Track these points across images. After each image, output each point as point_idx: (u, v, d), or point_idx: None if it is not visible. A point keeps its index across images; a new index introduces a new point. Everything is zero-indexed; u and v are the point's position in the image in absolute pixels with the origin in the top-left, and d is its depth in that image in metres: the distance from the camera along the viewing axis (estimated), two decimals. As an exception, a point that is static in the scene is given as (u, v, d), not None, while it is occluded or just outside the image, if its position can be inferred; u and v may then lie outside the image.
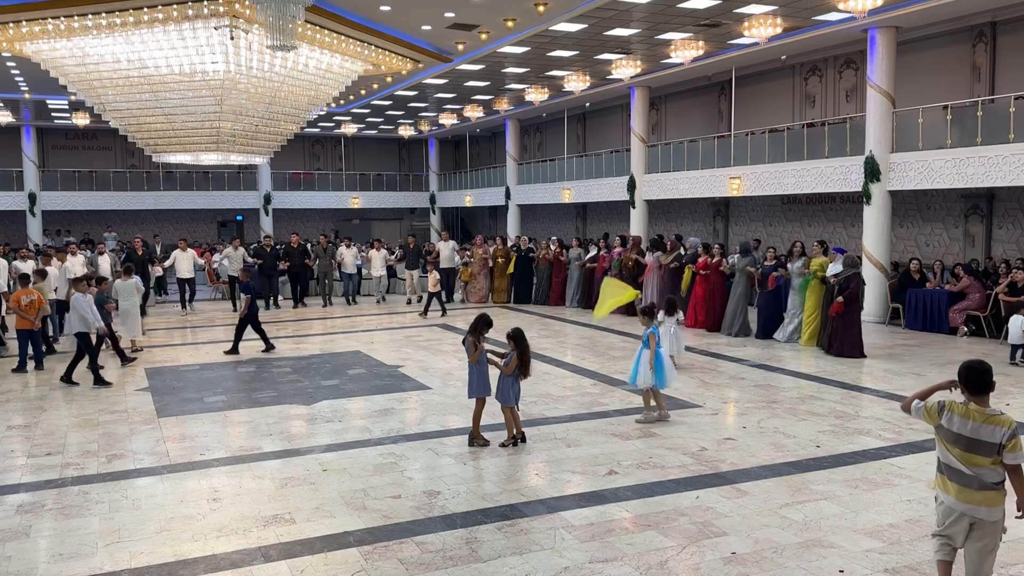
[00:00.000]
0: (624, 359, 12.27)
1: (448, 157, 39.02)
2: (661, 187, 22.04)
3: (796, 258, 13.60)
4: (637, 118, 22.62)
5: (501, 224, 32.46)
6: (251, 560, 5.14)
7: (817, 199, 20.37)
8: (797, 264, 13.45)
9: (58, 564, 5.14)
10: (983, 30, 16.46)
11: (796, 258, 13.60)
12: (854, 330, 12.21)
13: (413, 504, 6.11)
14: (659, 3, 14.65)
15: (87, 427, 8.53)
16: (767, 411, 8.90)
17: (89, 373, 10.72)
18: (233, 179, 33.40)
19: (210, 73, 15.40)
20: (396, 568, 5.00)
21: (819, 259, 13.06)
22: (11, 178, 30.23)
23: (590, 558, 5.11)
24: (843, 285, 12.18)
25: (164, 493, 6.45)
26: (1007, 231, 16.62)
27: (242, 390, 10.34)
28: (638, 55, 18.95)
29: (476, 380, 7.66)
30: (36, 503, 6.25)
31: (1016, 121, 13.79)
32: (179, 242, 19.68)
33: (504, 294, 20.18)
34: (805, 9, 14.93)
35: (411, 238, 21.20)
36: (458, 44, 18.03)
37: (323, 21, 15.29)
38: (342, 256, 20.44)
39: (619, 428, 8.22)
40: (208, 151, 18.00)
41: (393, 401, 9.64)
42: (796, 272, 13.41)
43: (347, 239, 21.55)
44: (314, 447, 7.68)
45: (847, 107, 19.46)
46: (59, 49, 15.73)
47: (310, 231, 34.83)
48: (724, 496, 6.22)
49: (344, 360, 12.41)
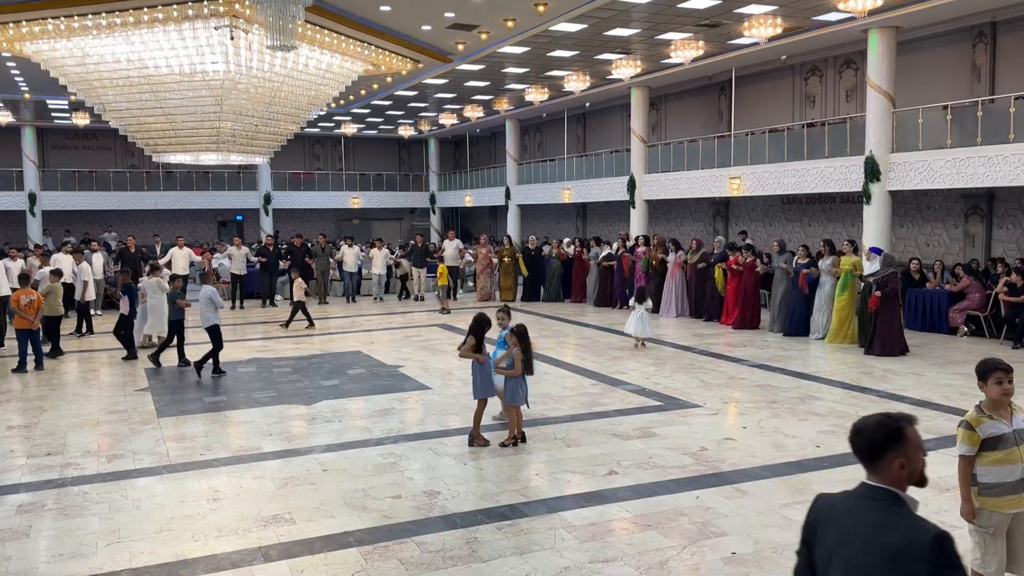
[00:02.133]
0: (625, 359, 12.28)
1: (448, 157, 39.01)
2: (661, 187, 22.04)
3: (827, 256, 13.75)
4: (637, 118, 22.61)
5: (501, 224, 32.45)
6: (251, 560, 5.14)
7: (817, 199, 20.36)
8: (827, 262, 13.62)
9: (58, 564, 5.13)
10: (983, 30, 16.46)
11: (827, 256, 13.75)
12: (895, 328, 12.32)
13: (413, 504, 6.10)
14: (659, 3, 14.65)
15: (87, 427, 8.53)
16: (767, 411, 8.90)
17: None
18: (233, 179, 33.39)
19: (210, 73, 15.41)
20: (396, 568, 5.00)
21: (851, 258, 13.23)
22: (11, 178, 30.22)
23: (590, 558, 5.10)
24: (881, 283, 12.29)
25: (164, 493, 6.45)
26: (1007, 231, 16.62)
27: (242, 390, 10.34)
28: (638, 55, 18.95)
29: (480, 381, 7.66)
30: (36, 503, 6.25)
31: (1016, 121, 13.79)
32: (178, 239, 19.70)
33: (510, 292, 20.24)
34: (805, 9, 14.93)
35: (419, 237, 21.37)
36: (458, 44, 18.03)
37: (323, 21, 15.29)
38: (343, 255, 20.53)
39: (619, 428, 8.22)
40: (208, 151, 18.02)
41: (393, 401, 9.64)
42: (826, 270, 13.60)
43: (349, 238, 21.64)
44: (314, 447, 7.68)
45: (847, 107, 19.45)
46: (59, 49, 15.73)
47: (310, 231, 34.80)
48: (724, 496, 6.22)
49: (344, 360, 12.40)
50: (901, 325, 12.51)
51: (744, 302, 15.13)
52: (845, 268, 13.19)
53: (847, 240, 14.12)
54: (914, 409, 8.87)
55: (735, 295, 15.33)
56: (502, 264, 20.33)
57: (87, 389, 10.46)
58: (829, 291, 13.61)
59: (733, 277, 15.34)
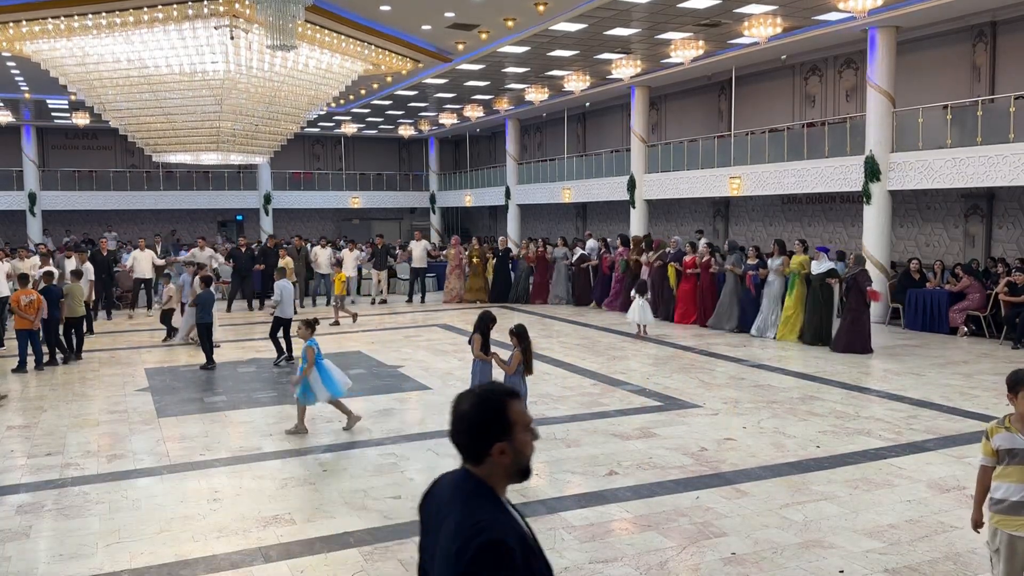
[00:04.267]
0: (625, 359, 12.29)
1: (448, 157, 39.00)
2: (661, 187, 22.04)
3: (776, 256, 14.01)
4: (637, 118, 22.61)
5: (501, 224, 32.45)
6: (251, 560, 5.14)
7: (817, 199, 20.37)
8: (776, 262, 13.88)
9: (58, 564, 5.13)
10: (983, 30, 16.46)
11: (776, 256, 14.01)
12: (862, 326, 12.45)
13: (413, 504, 6.07)
14: (659, 3, 14.64)
15: (87, 427, 8.53)
16: (767, 411, 8.89)
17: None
18: (233, 179, 33.37)
19: (210, 73, 15.39)
20: (396, 568, 5.00)
21: (800, 257, 13.48)
22: (11, 178, 30.20)
23: (590, 558, 5.10)
24: (850, 282, 12.46)
25: (164, 493, 6.45)
26: (1007, 231, 16.62)
27: (242, 390, 10.34)
28: (638, 55, 18.94)
29: (479, 380, 7.66)
30: (36, 503, 6.25)
31: (1016, 121, 13.78)
32: (139, 241, 19.33)
33: (480, 293, 20.17)
34: (805, 9, 14.93)
35: (379, 238, 21.06)
36: (458, 44, 18.03)
37: (323, 21, 15.28)
38: (316, 256, 19.90)
39: (619, 428, 8.22)
40: (208, 151, 17.99)
41: (393, 401, 9.64)
42: (775, 269, 13.86)
43: (323, 238, 21.25)
44: (314, 447, 7.68)
45: (847, 107, 19.45)
46: (59, 49, 15.72)
47: (310, 231, 34.81)
48: (724, 496, 6.22)
49: (344, 360, 12.36)
50: (869, 325, 12.66)
51: (701, 301, 15.48)
52: (793, 267, 13.45)
53: (798, 240, 14.42)
54: (914, 409, 8.88)
55: (691, 294, 15.70)
56: (472, 265, 20.15)
57: (87, 389, 10.46)
58: (778, 290, 13.89)
59: (688, 278, 15.72)
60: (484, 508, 2.03)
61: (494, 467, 2.09)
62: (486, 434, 2.07)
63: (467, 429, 2.09)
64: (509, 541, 1.95)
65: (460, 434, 2.10)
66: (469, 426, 2.08)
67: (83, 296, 13.04)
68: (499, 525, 1.98)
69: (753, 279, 14.30)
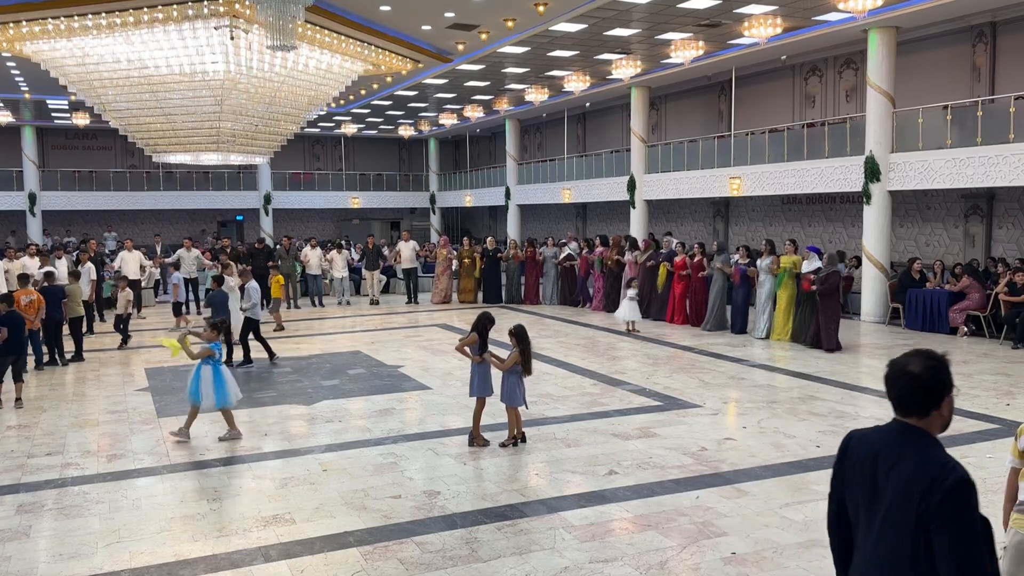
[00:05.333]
0: (624, 359, 12.29)
1: (448, 157, 39.01)
2: (661, 187, 22.04)
3: (766, 256, 14.05)
4: (637, 118, 22.61)
5: (501, 224, 32.46)
6: (251, 560, 5.14)
7: (817, 199, 20.37)
8: (766, 262, 13.91)
9: (58, 564, 5.13)
10: (983, 30, 16.46)
11: (766, 256, 14.05)
12: (832, 325, 12.70)
13: (413, 504, 6.10)
14: (659, 3, 14.65)
15: (87, 427, 8.53)
16: (767, 411, 8.90)
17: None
18: (233, 179, 33.36)
19: (210, 73, 15.39)
20: (396, 568, 5.00)
21: (790, 257, 13.57)
22: (11, 178, 30.19)
23: (590, 558, 5.10)
24: (821, 280, 12.65)
25: (164, 493, 6.45)
26: (1007, 231, 16.62)
27: (242, 390, 10.31)
28: (638, 55, 18.95)
29: (477, 380, 7.66)
30: (36, 503, 6.25)
31: (1016, 121, 13.78)
32: (126, 242, 19.14)
33: (470, 294, 20.15)
34: (805, 9, 14.93)
35: (370, 238, 21.05)
36: (458, 44, 18.03)
37: (323, 21, 15.28)
38: (307, 256, 19.89)
39: (619, 428, 8.22)
40: (208, 151, 17.97)
41: (393, 401, 9.64)
42: (765, 269, 13.92)
43: (312, 239, 21.22)
44: (314, 447, 7.68)
45: (847, 107, 19.45)
46: (59, 49, 15.72)
47: (310, 231, 34.82)
48: (724, 496, 6.22)
49: (344, 360, 12.40)
50: (838, 323, 12.84)
51: (693, 302, 15.59)
52: (784, 267, 13.56)
53: (788, 240, 14.49)
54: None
55: (682, 295, 15.81)
56: (463, 266, 20.10)
57: (87, 389, 10.46)
58: (769, 290, 13.93)
59: (680, 279, 15.81)
60: (942, 452, 2.40)
61: (935, 419, 2.46)
62: (940, 390, 2.46)
63: (923, 387, 2.45)
64: (971, 478, 2.33)
65: (916, 391, 2.45)
66: (925, 384, 2.45)
67: (82, 296, 13.03)
68: (960, 466, 2.35)
69: (741, 269, 14.44)
